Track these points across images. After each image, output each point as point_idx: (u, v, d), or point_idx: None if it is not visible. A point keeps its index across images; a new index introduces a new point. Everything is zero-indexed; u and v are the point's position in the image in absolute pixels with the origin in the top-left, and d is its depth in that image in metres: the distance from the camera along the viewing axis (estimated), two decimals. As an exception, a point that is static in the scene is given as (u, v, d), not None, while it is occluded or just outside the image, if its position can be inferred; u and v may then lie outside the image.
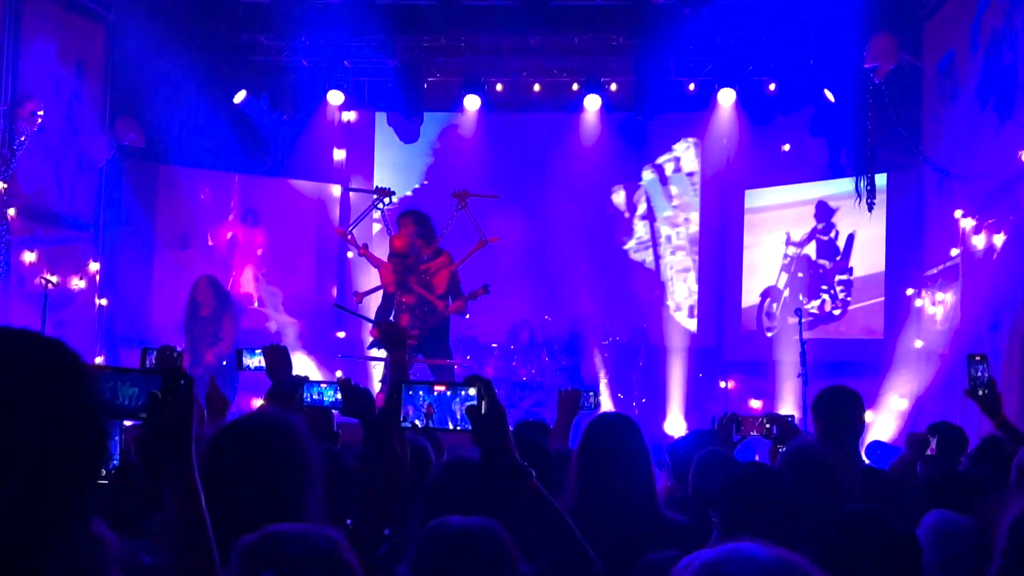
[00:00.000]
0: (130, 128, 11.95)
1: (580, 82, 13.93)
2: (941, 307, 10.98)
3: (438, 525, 2.49)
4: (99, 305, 12.10)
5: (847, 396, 5.15)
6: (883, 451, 8.98)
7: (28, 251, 10.77)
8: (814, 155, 13.47)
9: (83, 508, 1.44)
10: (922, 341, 11.20)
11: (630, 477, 3.82)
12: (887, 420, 10.83)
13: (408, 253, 9.32)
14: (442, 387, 2.68)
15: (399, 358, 4.31)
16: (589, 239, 14.43)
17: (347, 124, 14.97)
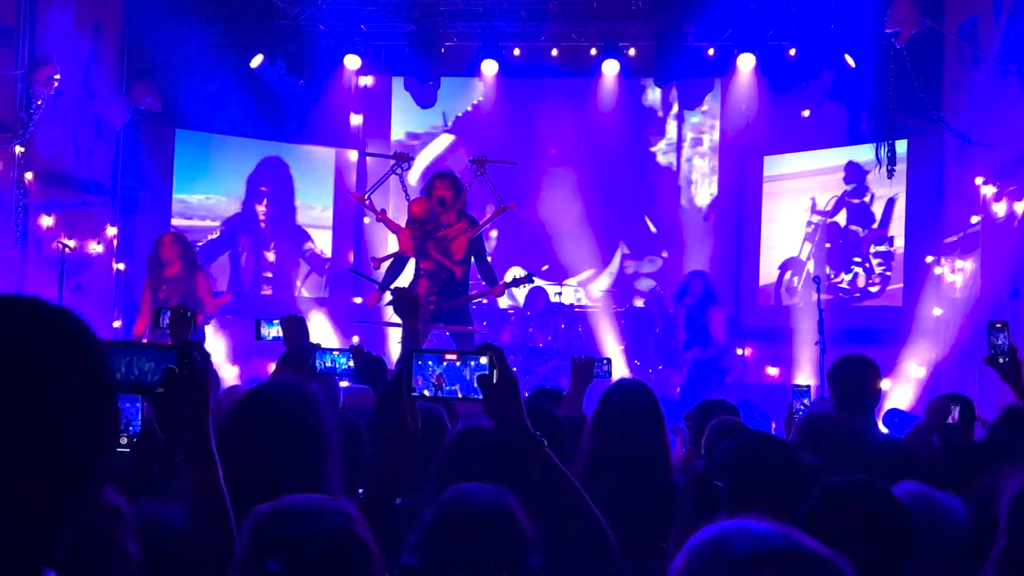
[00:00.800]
0: (147, 92, 11.94)
1: (598, 47, 13.83)
2: (960, 275, 10.93)
3: (449, 500, 2.47)
4: (116, 269, 12.14)
5: (863, 364, 5.12)
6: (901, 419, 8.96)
7: (45, 215, 10.79)
8: (834, 121, 13.37)
9: (93, 479, 1.43)
10: (941, 309, 11.14)
11: (645, 444, 3.81)
12: (905, 388, 10.79)
13: (426, 219, 9.28)
14: (452, 356, 2.66)
15: (412, 326, 4.30)
16: (606, 205, 14.37)
17: (364, 89, 14.92)
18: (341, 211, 14.52)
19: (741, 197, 14.40)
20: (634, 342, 13.19)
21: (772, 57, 13.52)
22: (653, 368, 13.05)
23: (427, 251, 9.38)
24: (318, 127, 14.50)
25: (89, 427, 1.41)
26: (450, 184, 9.67)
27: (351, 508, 2.17)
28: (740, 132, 14.22)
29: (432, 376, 2.63)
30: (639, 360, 13.02)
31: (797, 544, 1.56)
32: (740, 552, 1.54)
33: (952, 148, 11.27)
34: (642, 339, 13.33)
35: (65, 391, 1.38)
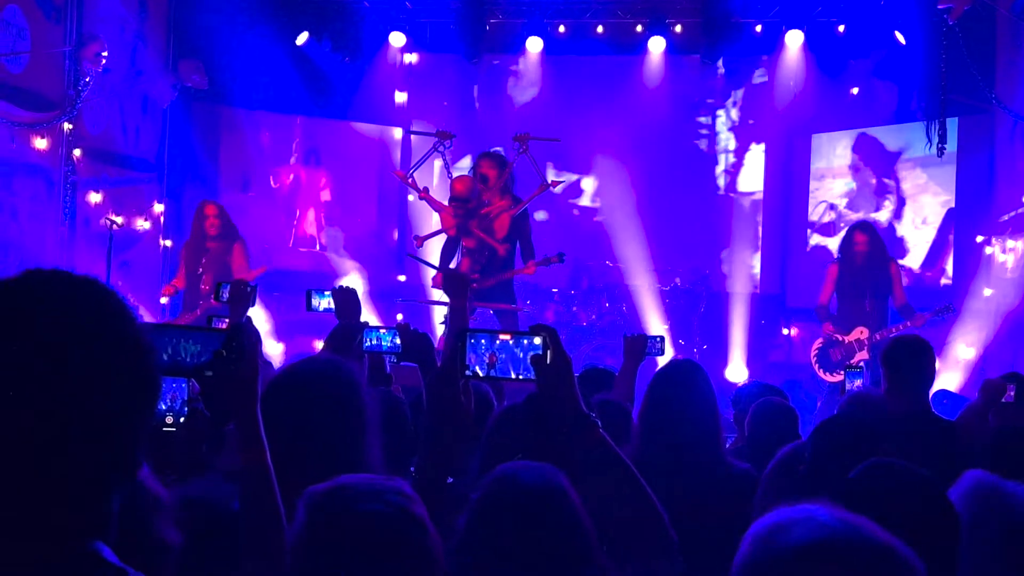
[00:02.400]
0: (193, 70, 11.99)
1: (644, 24, 13.73)
2: (1012, 255, 10.78)
3: (498, 478, 2.45)
4: (163, 246, 12.22)
5: (918, 346, 5.03)
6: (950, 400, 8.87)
7: (94, 192, 10.88)
8: (884, 99, 13.20)
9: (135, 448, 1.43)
10: (991, 289, 11.00)
11: (697, 424, 3.78)
12: (954, 369, 10.67)
13: (469, 197, 9.26)
14: (506, 336, 2.62)
15: (460, 305, 4.29)
16: (652, 183, 14.28)
17: (408, 66, 14.91)
18: (384, 188, 14.53)
19: (788, 175, 14.27)
20: (679, 321, 13.12)
21: (821, 34, 13.36)
22: (698, 348, 12.98)
23: (470, 229, 9.37)
24: (363, 105, 14.51)
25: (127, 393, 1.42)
26: (494, 163, 9.66)
27: (406, 487, 2.16)
28: (788, 110, 14.07)
29: (485, 356, 2.60)
30: (683, 340, 12.96)
31: (859, 532, 1.53)
32: (800, 539, 1.52)
33: (1004, 127, 11.10)
34: (687, 318, 13.26)
35: (100, 359, 1.39)
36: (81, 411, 1.36)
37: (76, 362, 1.36)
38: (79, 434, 1.36)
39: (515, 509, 2.37)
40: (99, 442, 1.38)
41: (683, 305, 13.35)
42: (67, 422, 1.35)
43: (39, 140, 10.03)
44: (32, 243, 9.92)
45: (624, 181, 14.16)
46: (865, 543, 1.51)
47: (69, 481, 1.36)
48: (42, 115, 10.04)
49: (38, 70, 10.02)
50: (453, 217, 9.42)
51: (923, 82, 11.88)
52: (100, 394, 1.38)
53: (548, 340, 2.54)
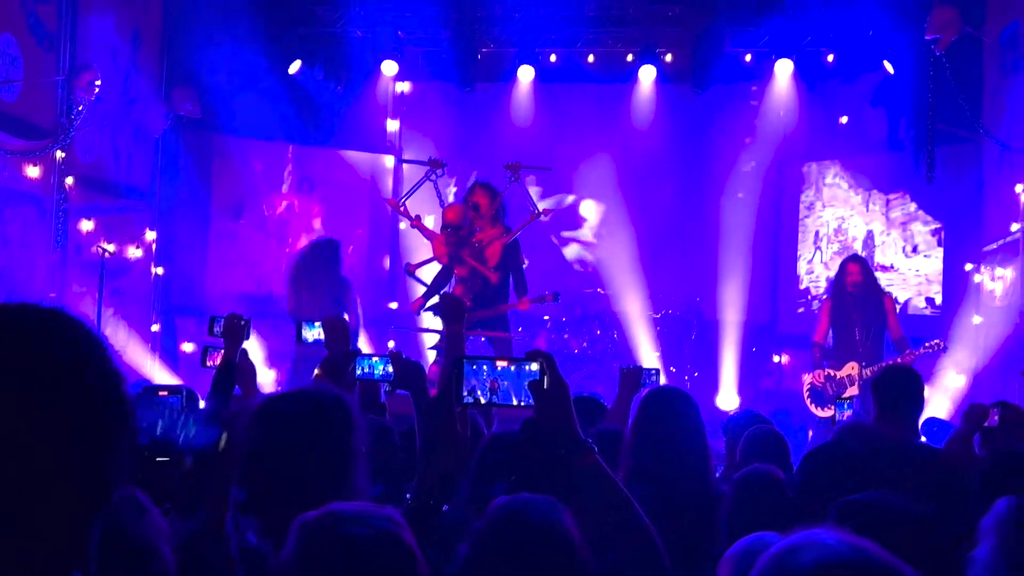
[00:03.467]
0: (186, 98, 12.03)
1: (635, 53, 13.81)
2: (1000, 283, 10.82)
3: (501, 513, 2.46)
4: (155, 274, 12.23)
5: (907, 375, 5.07)
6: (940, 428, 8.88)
7: (86, 220, 10.89)
8: (873, 128, 13.29)
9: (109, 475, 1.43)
10: (980, 317, 11.05)
11: (685, 451, 3.79)
12: (943, 397, 10.70)
13: (460, 224, 9.30)
14: (504, 362, 2.64)
15: (456, 331, 4.30)
16: (644, 211, 14.33)
17: (401, 94, 14.97)
18: (376, 216, 14.57)
19: (779, 203, 14.34)
20: (670, 348, 13.15)
21: (810, 63, 13.45)
22: (689, 375, 13.01)
23: (461, 257, 9.40)
24: (355, 133, 14.57)
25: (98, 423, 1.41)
26: (486, 192, 9.71)
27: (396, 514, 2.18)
28: (778, 138, 14.15)
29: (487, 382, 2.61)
30: (675, 367, 12.98)
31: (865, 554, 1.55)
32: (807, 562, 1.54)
33: (992, 155, 11.17)
34: (678, 346, 13.30)
35: (69, 389, 1.39)
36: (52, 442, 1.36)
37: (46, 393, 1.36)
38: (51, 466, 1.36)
39: (518, 544, 2.38)
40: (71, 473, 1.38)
41: (674, 332, 13.40)
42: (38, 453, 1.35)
43: (31, 168, 10.05)
44: (24, 271, 9.92)
45: (616, 209, 14.23)
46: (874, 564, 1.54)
47: (44, 512, 1.36)
48: (35, 143, 10.06)
49: (31, 98, 10.05)
50: (445, 245, 9.45)
51: (912, 111, 11.96)
52: (71, 424, 1.37)
53: (545, 366, 2.55)
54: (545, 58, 13.99)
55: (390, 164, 14.74)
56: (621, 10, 13.20)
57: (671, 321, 13.45)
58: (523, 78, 13.95)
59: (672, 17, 13.28)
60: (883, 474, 3.69)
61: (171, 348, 12.22)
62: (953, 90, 10.69)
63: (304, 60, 13.30)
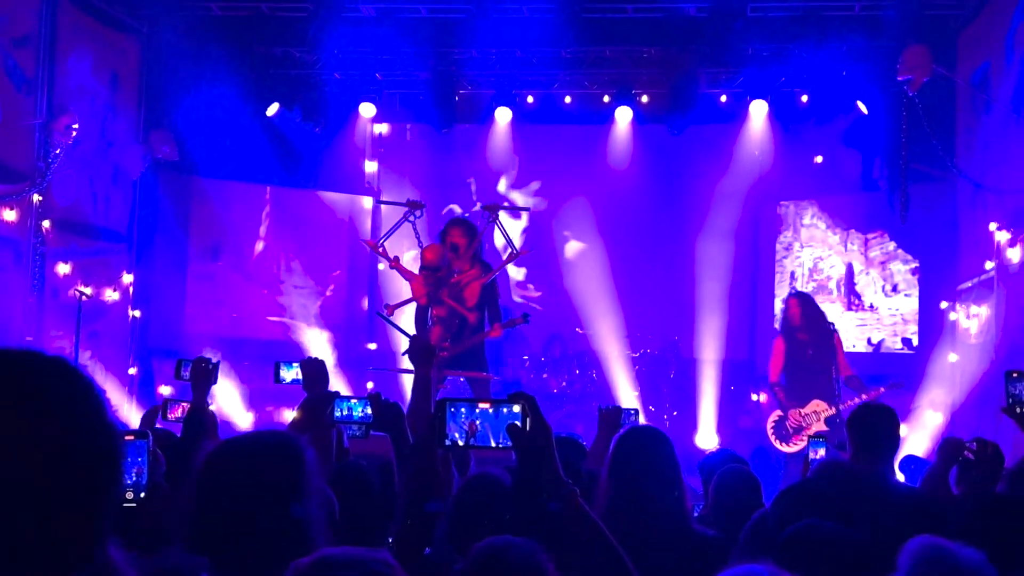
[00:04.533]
0: (164, 141, 12.04)
1: (611, 94, 13.91)
2: (976, 320, 10.89)
3: (483, 556, 2.45)
4: (132, 316, 12.18)
5: (883, 413, 5.09)
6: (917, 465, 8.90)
7: (62, 263, 10.86)
8: (847, 167, 13.42)
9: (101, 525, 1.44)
10: (956, 355, 11.11)
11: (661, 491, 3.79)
12: (921, 434, 10.73)
13: (439, 265, 9.31)
14: (485, 404, 2.63)
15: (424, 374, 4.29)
16: (622, 250, 14.39)
17: (379, 136, 15.03)
18: (354, 257, 14.58)
19: (755, 241, 14.41)
20: (649, 387, 13.17)
21: (784, 104, 13.57)
22: (668, 414, 13.02)
23: (440, 297, 9.40)
24: (333, 174, 14.61)
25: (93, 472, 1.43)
26: (464, 231, 9.71)
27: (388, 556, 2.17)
28: (753, 178, 14.25)
29: (464, 424, 2.61)
30: (653, 406, 12.99)
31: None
32: None
33: (965, 194, 11.28)
34: (657, 384, 13.31)
35: (66, 438, 1.40)
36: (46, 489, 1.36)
37: (43, 440, 1.37)
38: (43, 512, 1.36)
39: None
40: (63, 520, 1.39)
41: (653, 371, 13.42)
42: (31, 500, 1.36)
43: (8, 212, 10.03)
44: (0, 313, 9.88)
45: (594, 247, 14.29)
46: None
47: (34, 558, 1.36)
48: (11, 187, 10.05)
49: (8, 142, 10.05)
50: (424, 286, 9.45)
51: (885, 150, 12.08)
52: (66, 473, 1.38)
53: (527, 407, 2.55)
54: (522, 99, 14.07)
55: (368, 205, 14.77)
56: (598, 52, 13.30)
57: (650, 360, 13.47)
58: (500, 119, 14.01)
59: (648, 59, 13.38)
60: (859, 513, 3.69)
61: (148, 391, 12.16)
62: (926, 130, 10.81)
63: (282, 102, 13.35)
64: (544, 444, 2.55)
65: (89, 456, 1.42)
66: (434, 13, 12.43)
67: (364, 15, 12.28)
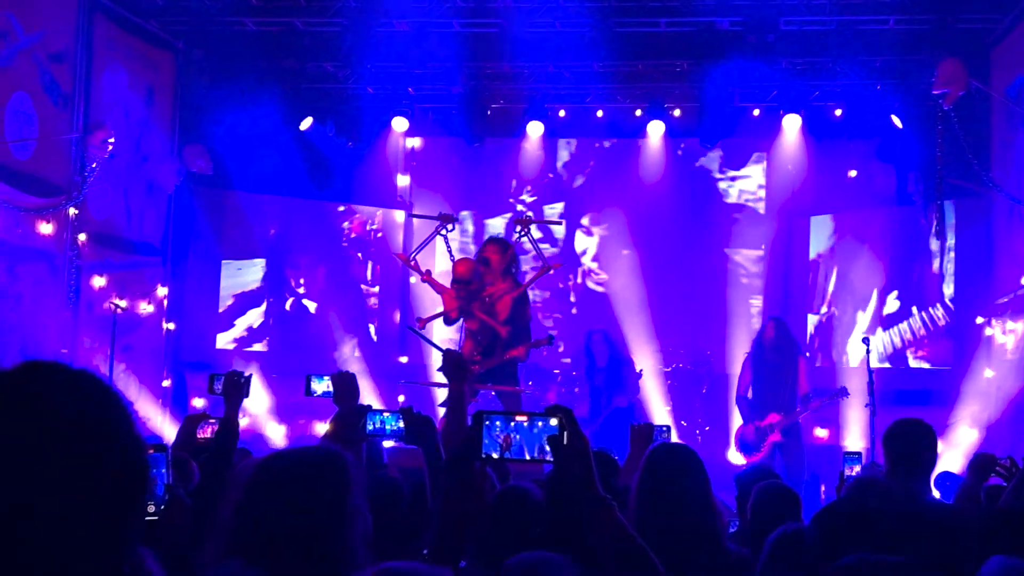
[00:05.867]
0: (198, 155, 12.12)
1: (643, 108, 13.89)
2: (1012, 336, 10.80)
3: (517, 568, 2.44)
4: (166, 329, 12.25)
5: (920, 429, 5.02)
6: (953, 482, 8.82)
7: (98, 276, 10.95)
8: (881, 182, 13.33)
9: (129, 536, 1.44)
10: (992, 371, 11.01)
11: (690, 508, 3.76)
12: (957, 451, 10.64)
13: (471, 279, 9.31)
14: (522, 417, 2.62)
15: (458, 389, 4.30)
16: (655, 264, 14.36)
17: (411, 150, 15.08)
18: (387, 271, 14.62)
19: (788, 257, 14.35)
20: (681, 403, 13.11)
21: (818, 118, 13.51)
22: (700, 429, 12.96)
23: (472, 311, 9.40)
24: (366, 188, 14.67)
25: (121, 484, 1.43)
26: (497, 247, 9.73)
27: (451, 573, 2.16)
28: (786, 193, 14.20)
29: (499, 437, 2.60)
30: (686, 421, 12.94)
31: None
32: None
33: (1001, 209, 11.19)
34: (689, 400, 13.26)
35: (95, 451, 1.40)
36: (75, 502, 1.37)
37: (72, 454, 1.38)
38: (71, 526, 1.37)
39: None
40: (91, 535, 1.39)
41: (685, 386, 13.36)
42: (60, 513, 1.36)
43: (44, 225, 10.12)
44: (36, 327, 9.96)
45: (627, 262, 14.26)
46: None
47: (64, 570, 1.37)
48: (48, 200, 10.14)
49: (45, 156, 10.15)
50: (455, 299, 9.46)
51: (920, 165, 12.01)
52: (95, 486, 1.39)
53: (564, 421, 2.54)
54: (554, 113, 14.07)
55: (400, 219, 14.82)
56: (630, 66, 13.28)
57: (682, 375, 13.43)
58: (532, 133, 14.03)
59: (680, 73, 13.35)
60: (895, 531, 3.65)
61: (182, 404, 12.22)
62: (961, 144, 10.73)
63: (315, 117, 13.41)
64: (582, 456, 2.54)
65: (116, 468, 1.43)
66: (467, 27, 12.46)
67: (397, 30, 12.33)
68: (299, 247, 14.03)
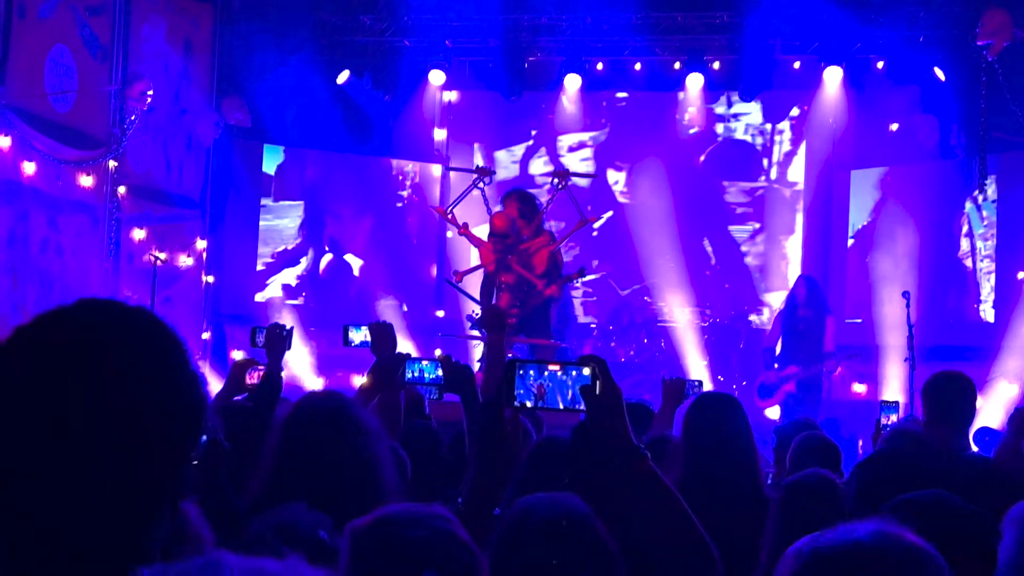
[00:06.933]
0: (236, 108, 12.15)
1: (682, 61, 13.76)
2: (1054, 291, 10.70)
3: (520, 512, 2.42)
4: (206, 282, 12.33)
5: (960, 381, 4.99)
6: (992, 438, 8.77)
7: (137, 228, 11.02)
8: (923, 135, 13.16)
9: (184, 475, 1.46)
10: (1034, 326, 10.92)
11: (736, 455, 3.77)
12: (996, 406, 10.57)
13: (508, 232, 9.29)
14: (555, 367, 2.59)
15: (497, 340, 4.31)
16: (692, 218, 14.29)
17: (448, 103, 15.03)
18: (423, 224, 14.63)
19: (828, 212, 14.23)
20: (718, 357, 13.08)
21: (860, 70, 13.33)
22: (737, 384, 12.93)
23: (509, 264, 9.39)
24: (402, 141, 14.65)
25: (177, 422, 1.44)
26: (517, 199, 9.69)
27: (446, 511, 2.17)
28: (827, 146, 14.06)
29: (533, 387, 2.59)
30: (723, 376, 12.91)
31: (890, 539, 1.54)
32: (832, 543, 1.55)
33: (1046, 162, 11.05)
34: (726, 354, 13.22)
35: (152, 387, 1.41)
36: (133, 439, 1.38)
37: (129, 391, 1.38)
38: (130, 462, 1.38)
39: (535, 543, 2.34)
40: (148, 470, 1.40)
41: (722, 341, 13.31)
42: (119, 450, 1.37)
43: (85, 177, 10.18)
44: (77, 278, 10.05)
45: (664, 216, 14.18)
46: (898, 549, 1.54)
47: (121, 509, 1.38)
48: (88, 153, 10.20)
49: (84, 109, 10.19)
50: (492, 253, 9.45)
51: (963, 118, 11.84)
52: (152, 423, 1.40)
53: (597, 371, 2.53)
54: (592, 66, 13.98)
55: (437, 172, 14.80)
56: (669, 18, 13.17)
57: (719, 330, 13.37)
58: (570, 86, 13.94)
59: (719, 25, 13.21)
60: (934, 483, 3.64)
61: (221, 356, 12.32)
62: (1006, 96, 10.58)
63: (352, 70, 13.39)
64: (615, 406, 2.53)
65: (175, 405, 1.43)
66: (504, -21, 12.39)
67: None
68: (338, 199, 14.04)
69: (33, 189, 9.41)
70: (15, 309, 9.02)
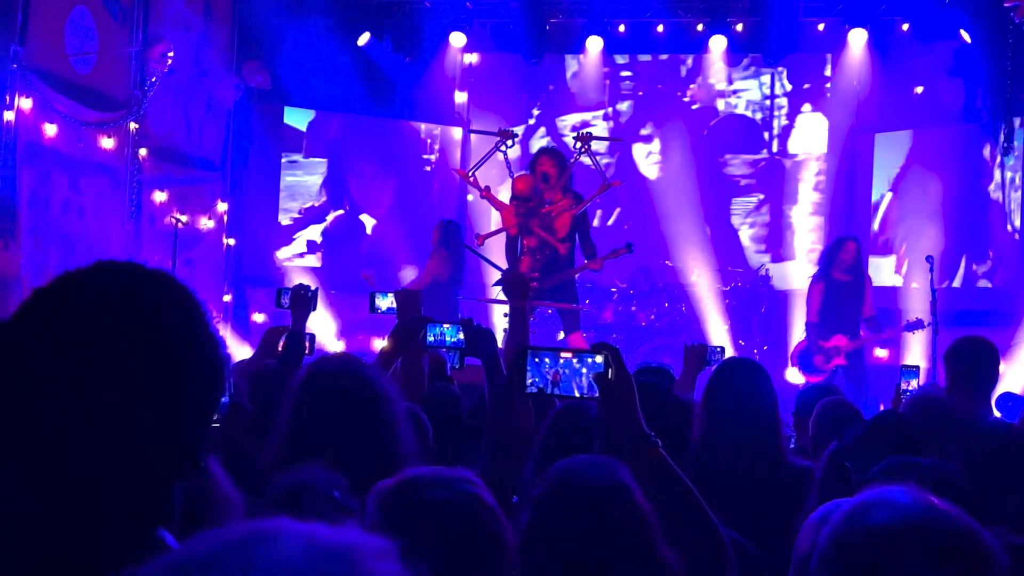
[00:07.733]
0: (256, 70, 12.12)
1: (705, 23, 13.66)
2: (1079, 256, 10.61)
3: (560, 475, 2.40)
4: (227, 245, 12.36)
5: (983, 346, 4.97)
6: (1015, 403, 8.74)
7: (159, 191, 11.04)
8: (948, 98, 13.02)
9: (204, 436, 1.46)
10: (1058, 291, 10.84)
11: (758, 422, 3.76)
12: (1019, 371, 10.52)
13: (530, 195, 9.25)
14: (568, 354, 2.65)
15: (520, 307, 4.30)
16: (714, 183, 14.23)
17: (469, 66, 14.97)
18: (445, 188, 14.60)
19: (851, 176, 14.14)
20: (739, 322, 13.04)
21: (884, 32, 13.21)
22: (758, 348, 12.89)
23: (531, 228, 9.36)
24: (423, 104, 14.60)
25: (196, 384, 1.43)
26: (554, 161, 9.64)
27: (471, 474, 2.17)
28: (851, 109, 13.96)
29: (549, 374, 2.62)
30: (744, 340, 12.88)
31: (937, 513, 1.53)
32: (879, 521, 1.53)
33: (1072, 126, 10.93)
34: (747, 319, 13.18)
35: (171, 350, 1.40)
36: (152, 401, 1.37)
37: (148, 353, 1.38)
38: (149, 425, 1.37)
39: (577, 506, 2.30)
40: (168, 433, 1.40)
41: (743, 305, 13.26)
42: (138, 412, 1.36)
43: (106, 139, 10.19)
44: (98, 240, 10.08)
45: (686, 180, 14.11)
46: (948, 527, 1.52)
47: (140, 470, 1.38)
48: (109, 115, 10.20)
49: (105, 70, 10.18)
50: (514, 216, 9.42)
51: (989, 81, 11.73)
52: (171, 385, 1.39)
53: (610, 359, 2.55)
54: (614, 28, 13.89)
55: (458, 135, 14.76)
56: (692, -21, 13.08)
57: (740, 294, 13.32)
58: (591, 48, 13.86)
59: (743, -14, 13.11)
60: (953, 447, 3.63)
61: (243, 318, 12.36)
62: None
63: (373, 32, 13.34)
64: (627, 394, 2.54)
65: (194, 366, 1.43)
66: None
67: (455, -58, 12.19)
68: (360, 161, 14.02)
69: (54, 151, 9.42)
70: (37, 271, 9.05)
